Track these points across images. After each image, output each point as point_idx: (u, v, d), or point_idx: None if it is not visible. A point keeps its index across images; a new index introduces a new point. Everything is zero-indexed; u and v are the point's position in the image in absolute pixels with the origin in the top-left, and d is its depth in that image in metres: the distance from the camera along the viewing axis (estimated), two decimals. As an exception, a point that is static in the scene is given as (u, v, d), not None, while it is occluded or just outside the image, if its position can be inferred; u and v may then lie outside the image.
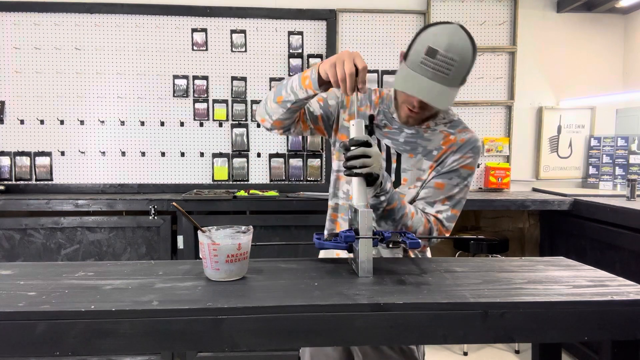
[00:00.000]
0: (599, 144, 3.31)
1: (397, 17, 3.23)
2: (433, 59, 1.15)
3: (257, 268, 1.16)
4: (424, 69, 1.17)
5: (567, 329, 0.91)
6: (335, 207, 1.46)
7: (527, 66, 3.33)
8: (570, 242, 2.97)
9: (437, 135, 1.36)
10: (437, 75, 1.16)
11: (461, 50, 1.16)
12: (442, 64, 1.15)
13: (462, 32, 1.18)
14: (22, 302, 0.89)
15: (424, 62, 1.16)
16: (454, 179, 1.33)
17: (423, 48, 1.17)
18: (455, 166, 1.33)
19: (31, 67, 3.07)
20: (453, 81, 1.18)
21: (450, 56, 1.15)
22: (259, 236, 2.72)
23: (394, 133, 1.38)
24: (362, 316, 0.89)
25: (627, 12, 3.31)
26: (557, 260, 1.27)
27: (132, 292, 0.97)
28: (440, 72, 1.16)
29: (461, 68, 1.18)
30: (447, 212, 1.33)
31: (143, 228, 2.74)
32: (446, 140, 1.35)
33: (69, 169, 3.13)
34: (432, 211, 1.33)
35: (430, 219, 1.31)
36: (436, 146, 1.35)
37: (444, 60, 1.15)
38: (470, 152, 1.34)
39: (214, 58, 3.16)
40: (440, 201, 1.33)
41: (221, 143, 3.20)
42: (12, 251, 2.70)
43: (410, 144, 1.36)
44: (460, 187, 1.34)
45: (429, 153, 1.35)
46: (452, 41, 1.15)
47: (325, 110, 1.44)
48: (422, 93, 1.18)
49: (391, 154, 1.37)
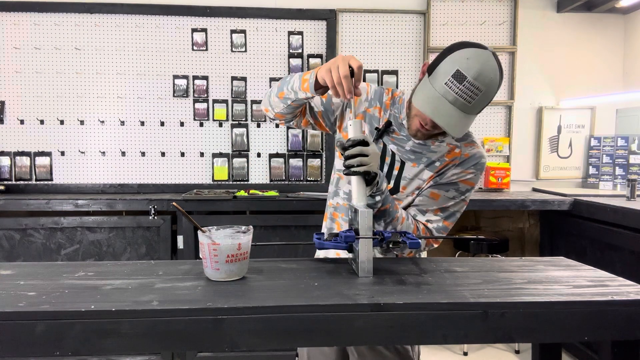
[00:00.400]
0: (599, 144, 3.31)
1: (397, 17, 3.23)
2: (460, 85, 1.11)
3: (257, 268, 1.16)
4: (448, 92, 1.13)
5: (567, 329, 0.91)
6: (336, 206, 1.45)
7: (527, 66, 3.33)
8: (570, 242, 2.97)
9: (443, 147, 1.33)
10: (459, 102, 1.12)
11: (490, 82, 1.12)
12: (468, 91, 1.11)
13: (494, 62, 1.14)
14: (22, 302, 0.89)
15: (449, 85, 1.12)
16: (450, 192, 1.31)
17: (452, 70, 1.12)
18: (455, 179, 1.32)
19: (31, 67, 3.07)
20: (473, 109, 1.15)
21: (477, 85, 1.11)
22: (259, 236, 2.72)
23: (401, 140, 1.35)
24: (362, 316, 0.89)
25: (627, 12, 3.31)
26: (557, 261, 1.27)
27: (132, 292, 0.97)
28: (463, 98, 1.12)
29: (485, 98, 1.14)
30: (439, 222, 1.32)
31: (143, 228, 2.74)
32: (451, 153, 1.32)
33: (69, 169, 3.13)
34: (423, 219, 1.32)
35: (419, 226, 1.30)
36: (439, 157, 1.32)
37: (469, 88, 1.11)
38: (473, 168, 1.32)
39: (214, 58, 3.16)
40: (432, 211, 1.32)
41: (221, 143, 3.20)
42: (12, 251, 2.70)
43: (416, 154, 1.34)
44: (456, 201, 1.32)
45: (432, 164, 1.33)
46: (482, 70, 1.11)
47: (326, 107, 1.41)
48: (440, 118, 1.14)
49: (395, 161, 1.35)
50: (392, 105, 1.38)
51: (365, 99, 1.40)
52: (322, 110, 1.42)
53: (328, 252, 1.43)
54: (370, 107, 1.39)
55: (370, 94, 1.40)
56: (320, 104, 1.42)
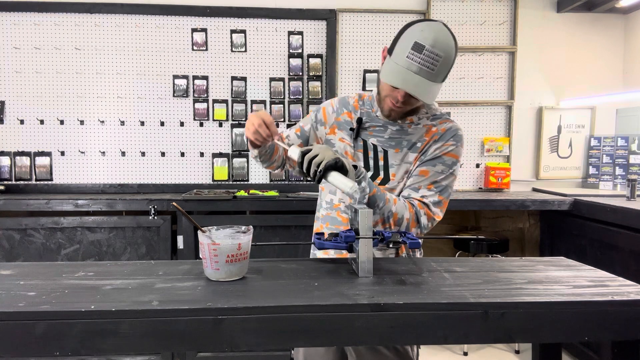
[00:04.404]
0: (599, 144, 3.31)
1: (397, 17, 3.23)
2: (420, 54, 1.19)
3: (257, 268, 1.16)
4: (410, 64, 1.20)
5: (567, 329, 0.91)
6: (323, 217, 1.50)
7: (527, 66, 3.33)
8: (570, 242, 2.96)
9: (420, 129, 1.40)
10: (423, 70, 1.20)
11: (446, 47, 1.20)
12: (429, 59, 1.19)
13: (447, 30, 1.23)
14: (22, 302, 0.89)
15: (411, 57, 1.20)
16: (437, 166, 1.36)
17: (410, 43, 1.20)
18: (438, 154, 1.37)
19: (31, 67, 3.07)
20: (437, 77, 1.22)
21: (436, 52, 1.19)
22: (259, 236, 2.72)
23: (379, 131, 1.42)
24: (363, 316, 0.89)
25: (627, 12, 3.30)
26: (558, 261, 1.27)
27: (132, 292, 0.97)
28: (426, 67, 1.20)
29: (445, 64, 1.22)
30: (434, 197, 1.35)
31: (143, 228, 2.74)
32: (429, 132, 1.40)
33: (69, 169, 3.13)
34: (417, 196, 1.36)
35: (414, 203, 1.34)
36: (420, 138, 1.39)
37: (430, 56, 1.19)
38: (452, 140, 1.37)
39: (214, 58, 3.16)
40: (425, 187, 1.36)
41: (221, 143, 3.20)
42: (12, 251, 2.70)
43: (395, 140, 1.40)
44: (445, 174, 1.37)
45: (414, 145, 1.39)
46: (438, 37, 1.19)
47: (303, 138, 1.55)
48: (408, 86, 1.22)
49: (378, 152, 1.41)
50: (361, 105, 1.48)
51: (333, 111, 1.51)
52: (301, 142, 1.55)
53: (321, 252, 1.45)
54: (339, 115, 1.49)
55: (335, 105, 1.52)
56: (297, 138, 1.56)
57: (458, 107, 3.30)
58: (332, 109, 1.51)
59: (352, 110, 1.47)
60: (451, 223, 3.41)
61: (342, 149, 1.44)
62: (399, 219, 1.30)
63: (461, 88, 3.30)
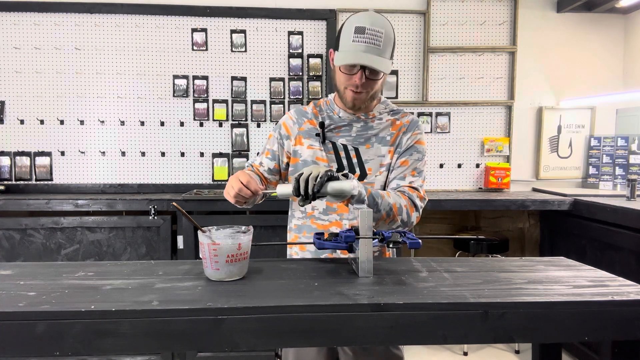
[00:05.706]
0: (599, 144, 3.31)
1: (397, 17, 3.23)
2: (363, 35, 1.32)
3: (257, 268, 1.16)
4: (358, 45, 1.32)
5: (567, 329, 0.91)
6: (296, 227, 1.55)
7: (527, 66, 3.33)
8: (570, 242, 2.96)
9: (384, 123, 1.50)
10: (370, 47, 1.32)
11: (384, 24, 1.34)
12: (372, 36, 1.31)
13: (378, 14, 1.37)
14: (22, 302, 0.89)
15: (356, 40, 1.32)
16: (414, 154, 1.48)
17: (352, 29, 1.33)
18: (411, 143, 1.49)
19: (31, 67, 3.07)
20: (384, 52, 1.34)
21: (376, 29, 1.32)
22: (259, 236, 2.72)
23: (345, 130, 1.49)
24: (362, 316, 0.89)
25: (627, 12, 3.30)
26: (558, 261, 1.27)
27: (132, 292, 0.97)
28: (372, 44, 1.31)
29: (388, 39, 1.34)
30: (418, 181, 1.48)
31: (143, 228, 2.74)
32: (394, 125, 1.51)
33: (69, 169, 3.13)
34: (406, 183, 1.45)
35: (404, 190, 1.43)
36: (387, 132, 1.49)
37: (372, 33, 1.32)
38: (417, 129, 1.52)
39: (214, 58, 3.16)
40: (409, 174, 1.47)
41: (221, 143, 3.20)
42: (12, 251, 2.70)
43: (363, 136, 1.48)
44: (421, 160, 1.50)
45: (383, 139, 1.48)
46: (373, 18, 1.34)
47: (275, 158, 1.56)
48: (362, 60, 1.31)
49: (349, 150, 1.47)
50: (320, 111, 1.53)
51: (294, 123, 1.54)
52: (275, 162, 1.55)
53: (319, 252, 1.47)
54: (300, 125, 1.53)
55: (293, 117, 1.55)
56: (270, 161, 1.55)
57: (458, 107, 3.30)
58: (292, 121, 1.54)
59: (313, 117, 1.52)
60: (451, 223, 3.41)
61: (312, 155, 1.47)
62: (399, 208, 1.36)
63: (461, 88, 3.30)
